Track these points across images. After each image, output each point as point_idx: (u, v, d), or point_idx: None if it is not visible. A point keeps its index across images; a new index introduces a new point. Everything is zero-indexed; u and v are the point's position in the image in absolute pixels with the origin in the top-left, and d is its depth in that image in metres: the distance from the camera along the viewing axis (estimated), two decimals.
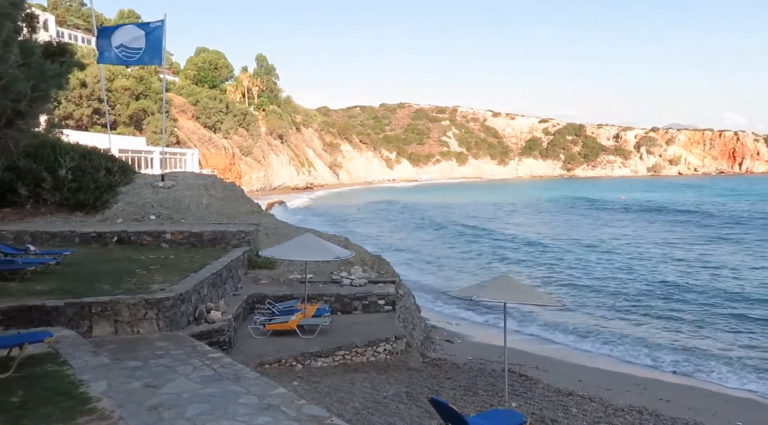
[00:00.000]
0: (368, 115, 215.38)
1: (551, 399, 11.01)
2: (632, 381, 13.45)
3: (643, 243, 36.52)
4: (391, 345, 12.85)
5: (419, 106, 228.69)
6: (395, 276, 18.15)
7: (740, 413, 11.44)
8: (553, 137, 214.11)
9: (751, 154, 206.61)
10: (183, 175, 24.39)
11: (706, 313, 19.20)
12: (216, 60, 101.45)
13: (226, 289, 13.71)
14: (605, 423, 9.81)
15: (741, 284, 23.62)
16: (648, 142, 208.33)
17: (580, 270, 28.49)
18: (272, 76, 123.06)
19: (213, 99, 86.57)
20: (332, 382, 10.61)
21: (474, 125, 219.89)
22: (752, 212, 58.41)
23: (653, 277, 25.43)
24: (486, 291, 10.15)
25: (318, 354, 11.88)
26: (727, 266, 28.16)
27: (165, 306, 9.79)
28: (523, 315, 19.61)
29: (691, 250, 33.78)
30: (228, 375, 7.52)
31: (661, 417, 10.34)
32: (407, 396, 10.32)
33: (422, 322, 17.47)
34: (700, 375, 14.02)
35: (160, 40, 19.43)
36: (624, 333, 17.68)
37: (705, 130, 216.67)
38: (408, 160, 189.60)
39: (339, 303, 14.90)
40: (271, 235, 19.34)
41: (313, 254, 13.10)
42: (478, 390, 11.24)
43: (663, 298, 21.57)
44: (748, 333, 16.94)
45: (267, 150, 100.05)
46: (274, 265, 16.97)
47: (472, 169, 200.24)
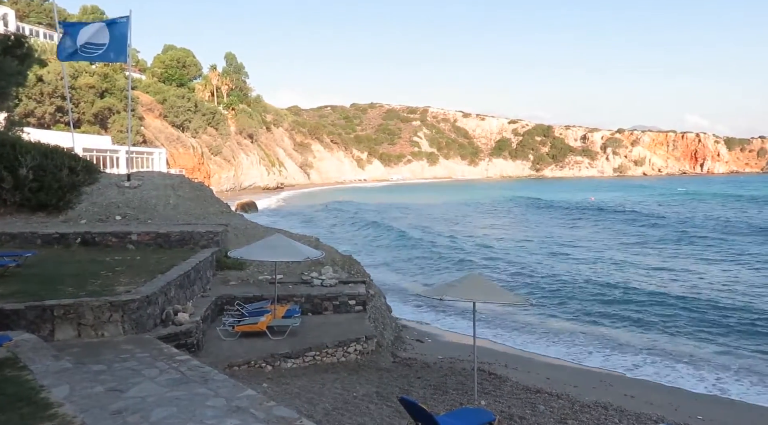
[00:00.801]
0: (339, 115, 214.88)
1: (519, 396, 11.16)
2: (598, 378, 13.72)
3: (603, 246, 37.17)
4: (361, 346, 12.84)
5: (390, 106, 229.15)
6: (366, 276, 18.15)
7: (701, 408, 11.78)
8: (523, 138, 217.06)
9: (712, 155, 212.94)
10: (150, 175, 23.95)
11: (668, 314, 19.66)
12: (184, 58, 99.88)
13: (195, 291, 13.51)
14: (572, 419, 9.99)
15: (701, 286, 24.25)
16: (614, 144, 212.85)
17: (544, 271, 28.92)
18: (241, 74, 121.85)
19: (181, 97, 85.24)
20: (302, 383, 10.55)
21: (445, 125, 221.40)
22: (701, 213, 60.87)
23: (618, 279, 25.95)
24: (455, 290, 10.23)
25: (288, 356, 11.81)
26: (687, 269, 28.88)
27: (131, 308, 9.60)
28: (493, 315, 19.82)
29: (652, 252, 34.46)
30: (195, 377, 7.42)
31: (626, 412, 10.58)
32: (378, 396, 10.33)
33: (393, 322, 17.51)
34: (663, 372, 14.35)
35: (125, 37, 19.01)
36: (590, 332, 18.02)
37: (668, 131, 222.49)
38: (379, 160, 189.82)
39: (309, 304, 14.83)
40: (240, 236, 19.13)
41: (282, 255, 13.00)
42: (447, 389, 11.32)
43: (627, 299, 22.01)
44: (709, 333, 17.39)
45: (237, 149, 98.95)
46: (243, 266, 16.79)
47: (442, 169, 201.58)
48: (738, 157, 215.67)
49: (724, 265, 28.97)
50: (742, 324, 18.31)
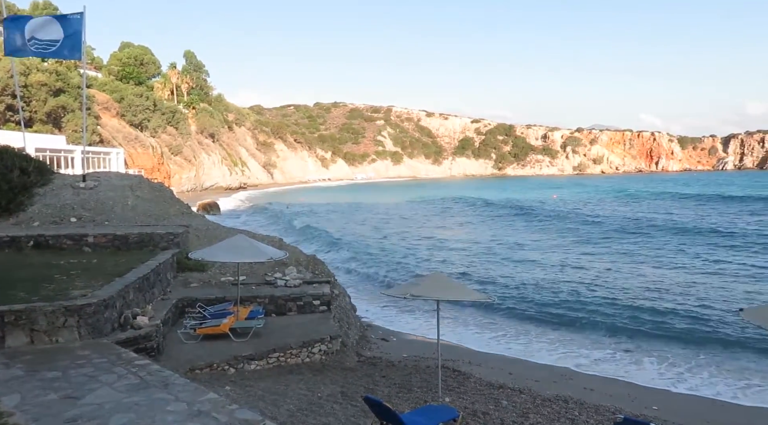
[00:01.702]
0: (303, 114, 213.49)
1: (483, 392, 11.31)
2: (559, 372, 14.02)
3: (553, 246, 37.86)
4: (326, 346, 12.81)
5: (354, 105, 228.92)
6: (330, 276, 18.10)
7: (656, 399, 12.16)
8: (485, 137, 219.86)
9: (666, 153, 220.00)
10: (107, 176, 23.33)
11: (625, 310, 20.18)
12: (142, 55, 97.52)
13: (154, 293, 13.22)
14: (534, 413, 10.17)
15: (654, 284, 24.93)
16: (573, 142, 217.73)
17: (504, 269, 29.44)
18: (202, 73, 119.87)
19: (139, 96, 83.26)
20: (266, 385, 10.45)
21: (408, 125, 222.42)
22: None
23: (572, 277, 26.53)
24: (419, 289, 10.29)
25: (251, 357, 11.68)
26: (645, 262, 29.80)
27: (87, 312, 9.32)
28: (457, 312, 20.02)
29: (601, 251, 35.12)
30: (155, 382, 7.26)
31: (585, 404, 10.84)
32: (342, 395, 10.32)
33: (358, 321, 17.52)
34: (620, 366, 14.75)
35: (79, 33, 18.43)
36: (550, 328, 18.38)
37: (625, 130, 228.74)
38: (343, 160, 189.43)
39: (273, 305, 14.71)
40: (201, 237, 18.84)
41: (245, 255, 12.85)
42: (412, 386, 11.39)
43: (583, 297, 22.54)
44: (663, 328, 17.89)
45: (198, 149, 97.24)
46: (205, 268, 16.54)
47: (407, 169, 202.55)
48: (690, 155, 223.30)
49: (678, 263, 29.89)
50: (692, 320, 18.94)
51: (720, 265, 28.18)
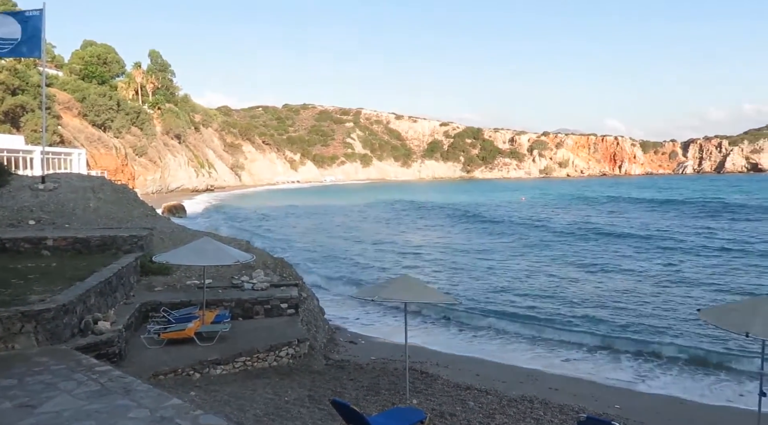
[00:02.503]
0: (271, 116, 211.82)
1: (450, 394, 11.39)
2: (525, 373, 14.20)
3: (515, 247, 38.45)
4: (293, 349, 12.70)
5: (323, 107, 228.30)
6: (298, 278, 17.98)
7: (618, 399, 12.43)
8: (454, 140, 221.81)
9: (629, 157, 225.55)
10: (67, 177, 22.72)
11: (588, 312, 20.59)
12: (105, 54, 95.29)
13: (117, 298, 12.92)
14: (500, 413, 10.29)
15: (617, 284, 25.56)
16: (540, 146, 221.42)
17: (466, 271, 29.78)
18: (167, 73, 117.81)
19: (102, 95, 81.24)
20: (232, 390, 10.31)
21: (378, 127, 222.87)
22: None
23: (537, 279, 26.96)
24: (387, 291, 10.30)
25: (217, 362, 11.50)
26: (606, 266, 30.45)
27: (45, 318, 9.05)
28: (425, 314, 20.11)
29: (563, 253, 35.78)
30: (117, 388, 7.09)
31: (550, 404, 11.01)
32: (310, 399, 10.25)
33: (326, 324, 17.44)
34: (585, 366, 15.04)
35: (38, 31, 17.92)
36: (516, 329, 18.61)
37: (589, 134, 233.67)
38: (312, 162, 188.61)
39: (240, 309, 14.52)
40: (166, 240, 18.50)
41: (211, 258, 12.65)
42: (380, 389, 11.40)
43: (548, 298, 22.93)
44: (626, 329, 18.32)
45: (163, 150, 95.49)
46: (169, 271, 16.24)
47: (376, 171, 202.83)
48: (652, 159, 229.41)
49: (636, 267, 30.64)
50: (654, 321, 19.44)
51: (677, 268, 28.94)
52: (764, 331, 8.99)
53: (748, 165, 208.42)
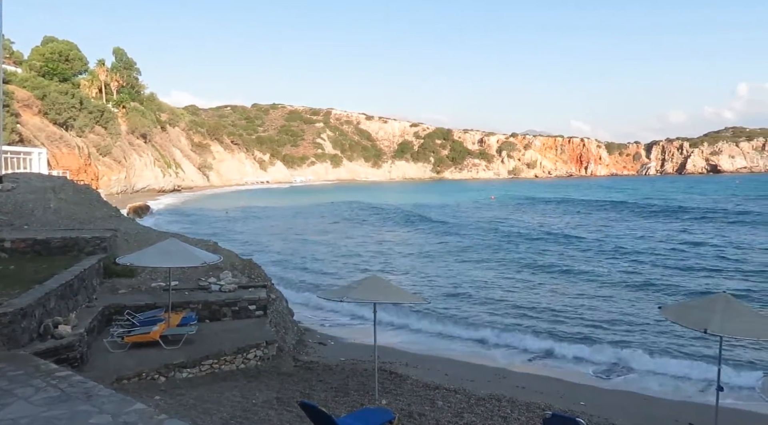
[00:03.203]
0: (240, 115, 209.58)
1: (419, 393, 11.43)
2: (493, 371, 14.36)
3: (479, 248, 38.78)
4: (262, 351, 12.59)
5: (293, 107, 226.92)
6: (267, 280, 17.81)
7: (583, 395, 12.68)
8: (424, 141, 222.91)
9: (595, 158, 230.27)
10: (26, 177, 22.06)
11: (553, 311, 20.95)
12: (67, 51, 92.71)
13: (79, 301, 12.59)
14: (468, 412, 10.37)
15: (581, 283, 26.04)
16: (508, 147, 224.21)
17: (439, 272, 30.00)
18: (133, 71, 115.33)
19: (64, 93, 79.02)
20: (199, 393, 10.16)
21: (348, 128, 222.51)
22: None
23: (501, 280, 27.31)
24: (356, 292, 10.28)
25: (183, 365, 11.32)
26: (567, 266, 30.98)
27: (1, 322, 8.77)
28: (394, 314, 20.15)
29: (527, 252, 36.34)
30: (77, 394, 6.90)
31: (517, 402, 11.15)
32: (278, 401, 10.16)
33: (295, 326, 17.33)
34: (550, 364, 15.31)
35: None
36: (485, 328, 18.80)
37: (557, 136, 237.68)
38: (282, 162, 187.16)
39: (207, 311, 14.32)
40: (131, 241, 18.12)
41: (177, 260, 12.45)
42: (349, 390, 11.37)
43: (514, 297, 23.27)
44: (590, 327, 18.73)
45: (128, 150, 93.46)
46: (134, 273, 15.90)
47: (346, 172, 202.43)
48: (617, 160, 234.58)
49: (599, 267, 31.29)
50: (618, 318, 19.89)
51: (636, 269, 29.58)
52: (721, 328, 9.28)
53: (707, 166, 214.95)
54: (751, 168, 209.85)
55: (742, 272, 27.19)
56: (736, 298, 10.17)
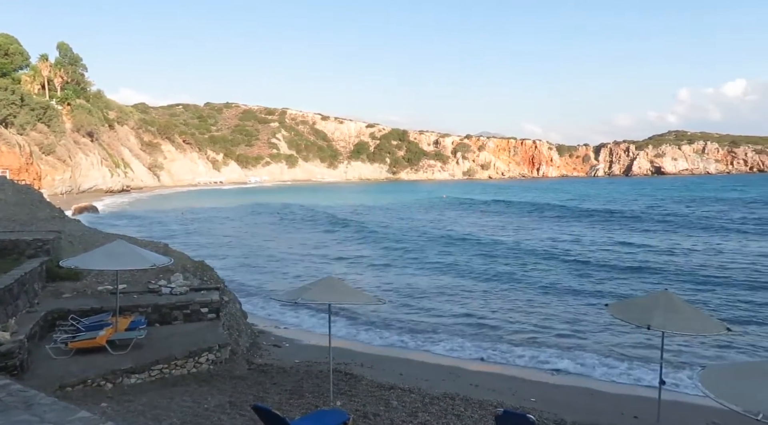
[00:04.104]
0: (192, 114, 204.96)
1: (374, 394, 11.45)
2: (447, 370, 14.52)
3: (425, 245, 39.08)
4: (214, 355, 12.36)
5: (247, 106, 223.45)
6: (220, 282, 17.48)
7: (534, 392, 12.98)
8: (380, 141, 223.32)
9: (546, 160, 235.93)
10: None
11: (505, 309, 21.37)
12: (6, 45, 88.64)
13: (19, 306, 12.07)
14: (422, 411, 10.45)
15: (530, 282, 26.60)
16: (463, 148, 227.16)
17: (390, 269, 30.15)
18: (78, 66, 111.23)
19: (3, 89, 75.54)
20: (148, 399, 9.88)
21: (303, 128, 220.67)
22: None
23: (450, 279, 27.67)
24: (311, 293, 10.23)
25: (132, 371, 10.99)
26: (515, 265, 31.65)
27: None
28: (350, 315, 20.14)
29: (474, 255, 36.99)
30: (17, 403, 6.59)
31: (471, 400, 11.31)
32: (231, 405, 9.99)
33: (249, 328, 17.07)
34: (503, 362, 15.58)
35: None
36: (437, 327, 19.02)
37: (510, 138, 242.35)
38: (236, 162, 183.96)
39: (157, 314, 13.97)
40: (76, 243, 17.50)
41: (125, 262, 12.07)
42: (304, 392, 11.28)
43: (463, 297, 23.60)
44: (540, 325, 19.17)
45: (74, 149, 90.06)
46: (79, 277, 15.36)
47: (302, 172, 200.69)
48: (567, 162, 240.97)
49: (545, 267, 32.10)
50: (568, 316, 20.45)
51: (582, 268, 30.48)
52: (663, 324, 9.69)
53: (652, 168, 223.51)
54: (692, 170, 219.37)
55: (682, 271, 28.37)
56: (676, 295, 10.64)
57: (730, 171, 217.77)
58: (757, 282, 25.15)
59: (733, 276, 26.32)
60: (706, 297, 22.64)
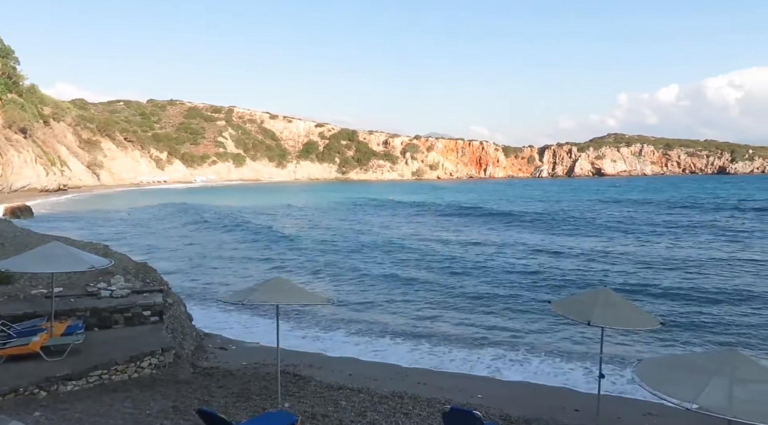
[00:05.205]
0: (134, 111, 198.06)
1: (323, 395, 11.40)
2: (395, 370, 14.59)
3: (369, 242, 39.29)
4: (157, 359, 12.01)
5: (192, 103, 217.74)
6: (164, 284, 16.99)
7: (480, 388, 13.22)
8: (329, 141, 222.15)
9: (493, 161, 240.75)
10: None
11: (452, 308, 21.63)
12: None
13: None
14: (371, 411, 10.48)
15: (473, 281, 27.01)
16: (412, 149, 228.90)
17: (338, 268, 30.13)
18: (10, 59, 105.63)
19: None
20: (85, 407, 9.51)
21: (251, 126, 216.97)
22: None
23: (404, 272, 27.91)
24: (258, 294, 10.07)
25: (68, 377, 10.55)
26: (461, 265, 32.21)
27: None
28: (298, 316, 19.96)
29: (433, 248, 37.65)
30: None
31: (419, 398, 11.42)
32: (174, 410, 9.73)
33: (194, 331, 16.65)
34: (450, 360, 15.78)
35: None
36: (387, 326, 19.07)
37: (458, 139, 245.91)
38: (181, 161, 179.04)
39: (96, 318, 13.46)
40: (7, 245, 16.67)
41: (61, 265, 11.56)
42: (251, 395, 11.11)
43: (413, 295, 23.82)
44: (485, 324, 19.49)
45: (5, 146, 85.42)
46: (11, 280, 14.64)
47: (250, 171, 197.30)
48: (513, 163, 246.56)
49: (488, 266, 32.81)
50: (512, 314, 20.94)
51: (530, 264, 31.37)
52: (602, 320, 10.07)
53: (593, 170, 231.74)
54: (630, 171, 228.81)
55: (623, 269, 29.50)
56: (615, 292, 11.08)
57: (665, 172, 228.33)
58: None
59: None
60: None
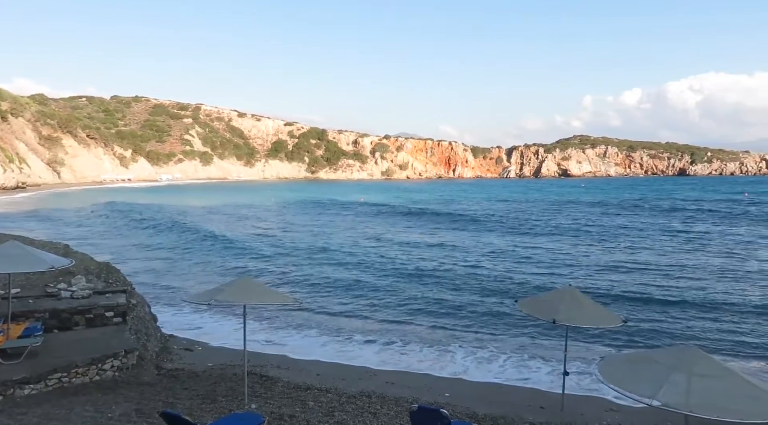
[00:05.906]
0: (97, 107, 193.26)
1: (290, 395, 11.32)
2: (363, 369, 14.58)
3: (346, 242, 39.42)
4: (120, 361, 11.76)
5: (158, 101, 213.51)
6: (127, 284, 16.63)
7: (448, 387, 13.32)
8: (298, 140, 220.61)
9: (462, 161, 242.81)
10: None
11: (421, 308, 21.73)
12: None
13: None
14: (339, 410, 10.45)
15: (440, 280, 27.18)
16: (381, 149, 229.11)
17: (307, 268, 30.03)
18: None
19: None
20: (43, 411, 9.24)
21: (219, 124, 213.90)
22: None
23: (371, 275, 27.89)
24: (224, 295, 9.94)
25: (26, 381, 10.24)
26: (428, 265, 32.44)
27: None
28: (265, 316, 19.78)
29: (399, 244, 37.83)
30: None
31: (387, 398, 11.44)
32: (137, 413, 9.54)
33: (158, 332, 16.33)
34: (419, 359, 15.86)
35: None
36: (355, 327, 19.08)
37: (427, 139, 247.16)
38: (146, 159, 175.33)
39: (56, 319, 13.11)
40: None
41: (18, 265, 11.19)
42: (217, 396, 10.96)
43: (379, 295, 23.85)
44: (453, 324, 19.65)
45: None
46: None
47: (217, 170, 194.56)
48: (481, 163, 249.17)
49: (451, 264, 33.10)
50: (479, 313, 21.15)
51: (498, 265, 31.78)
52: (567, 318, 10.26)
53: (559, 170, 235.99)
54: (595, 172, 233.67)
55: (587, 268, 30.14)
56: (580, 291, 11.30)
57: (628, 174, 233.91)
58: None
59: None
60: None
